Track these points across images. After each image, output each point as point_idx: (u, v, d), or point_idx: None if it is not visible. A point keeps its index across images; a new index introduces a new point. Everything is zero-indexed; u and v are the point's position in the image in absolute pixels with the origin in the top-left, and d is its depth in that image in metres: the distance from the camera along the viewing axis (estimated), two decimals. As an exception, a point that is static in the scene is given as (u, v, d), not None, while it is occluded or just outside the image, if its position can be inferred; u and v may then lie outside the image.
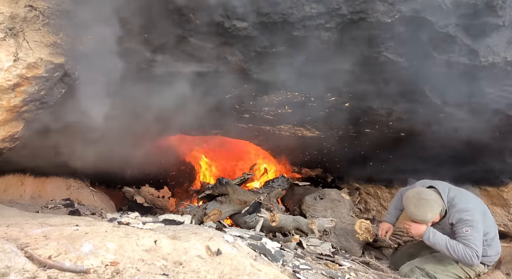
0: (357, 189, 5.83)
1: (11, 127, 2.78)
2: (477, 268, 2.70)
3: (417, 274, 2.67)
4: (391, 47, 2.81)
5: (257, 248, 2.32)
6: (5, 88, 2.43)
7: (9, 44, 2.33)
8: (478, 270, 2.72)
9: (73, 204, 4.71)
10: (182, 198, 6.73)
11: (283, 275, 1.66)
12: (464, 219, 2.56)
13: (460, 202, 2.66)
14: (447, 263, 2.70)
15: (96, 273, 1.30)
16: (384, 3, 2.44)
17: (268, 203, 4.58)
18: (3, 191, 4.43)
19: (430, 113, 3.51)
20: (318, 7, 2.49)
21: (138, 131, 4.23)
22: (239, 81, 3.39)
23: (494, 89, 3.06)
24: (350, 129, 4.27)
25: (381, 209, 5.62)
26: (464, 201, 2.67)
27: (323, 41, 2.77)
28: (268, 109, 4.03)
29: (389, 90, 3.33)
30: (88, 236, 1.57)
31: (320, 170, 6.15)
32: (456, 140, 3.74)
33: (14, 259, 1.24)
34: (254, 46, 2.89)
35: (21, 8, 2.29)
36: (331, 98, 3.62)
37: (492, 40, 2.63)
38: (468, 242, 2.50)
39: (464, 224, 2.55)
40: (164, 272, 1.40)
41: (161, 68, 3.19)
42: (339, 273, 2.56)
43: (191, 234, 2.04)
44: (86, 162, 4.24)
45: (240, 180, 5.47)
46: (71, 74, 2.86)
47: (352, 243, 3.58)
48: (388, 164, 4.86)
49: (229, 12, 2.55)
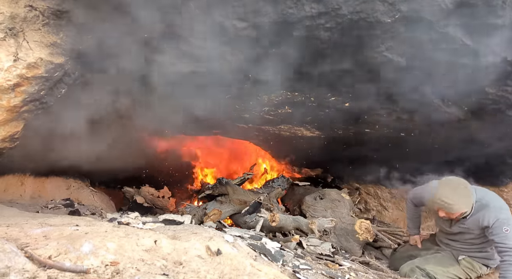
0: (357, 189, 5.84)
1: (11, 127, 2.78)
2: (479, 270, 2.67)
3: (417, 274, 2.64)
4: (391, 47, 2.81)
5: (257, 248, 2.32)
6: (5, 88, 2.43)
7: (9, 44, 2.33)
8: (480, 272, 2.68)
9: (73, 204, 4.70)
10: (182, 198, 6.73)
11: (283, 275, 1.66)
12: (503, 218, 2.39)
13: (491, 200, 2.49)
14: (448, 264, 2.68)
15: (96, 273, 1.30)
16: (384, 3, 2.44)
17: (268, 203, 4.58)
18: (3, 191, 4.43)
19: (430, 113, 3.51)
20: (318, 7, 2.49)
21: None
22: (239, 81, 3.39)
23: (494, 89, 3.07)
24: (350, 129, 4.27)
25: (381, 209, 5.63)
26: (495, 200, 2.52)
27: (323, 41, 2.77)
28: (268, 109, 4.03)
29: (389, 90, 3.33)
30: (88, 236, 1.57)
31: (320, 170, 6.16)
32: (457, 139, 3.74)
33: (14, 259, 1.24)
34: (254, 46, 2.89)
35: (21, 8, 2.29)
36: (331, 98, 3.62)
37: (492, 40, 2.63)
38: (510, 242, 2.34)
39: (502, 223, 2.37)
40: (164, 272, 1.40)
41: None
42: (339, 273, 2.55)
43: (191, 234, 2.04)
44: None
45: (240, 180, 5.47)
46: (71, 74, 2.86)
47: (352, 243, 3.58)
48: (388, 164, 4.87)
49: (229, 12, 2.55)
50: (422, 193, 2.84)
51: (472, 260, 2.68)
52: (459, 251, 2.74)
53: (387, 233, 3.89)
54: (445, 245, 2.86)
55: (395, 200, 5.58)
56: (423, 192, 2.83)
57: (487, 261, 2.67)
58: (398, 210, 5.54)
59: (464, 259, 2.70)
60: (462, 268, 2.66)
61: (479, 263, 2.67)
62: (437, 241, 2.96)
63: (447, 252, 2.81)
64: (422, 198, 2.84)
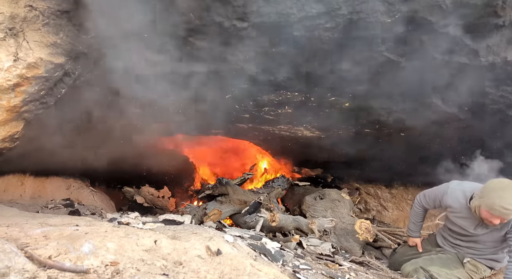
0: (357, 189, 5.84)
1: (11, 127, 2.78)
2: (483, 272, 2.63)
3: (420, 275, 2.61)
4: (391, 47, 2.81)
5: (257, 248, 2.32)
6: (5, 88, 2.43)
7: (9, 44, 2.33)
8: (484, 274, 2.64)
9: (73, 204, 4.70)
10: (182, 198, 6.73)
11: (283, 275, 1.66)
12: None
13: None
14: (452, 267, 2.63)
15: (96, 273, 1.30)
16: (384, 3, 2.44)
17: (268, 203, 4.58)
18: (3, 191, 4.43)
19: (430, 113, 3.51)
20: (318, 7, 2.49)
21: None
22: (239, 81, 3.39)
23: (494, 89, 3.07)
24: (350, 129, 4.27)
25: (381, 209, 5.63)
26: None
27: (323, 41, 2.77)
28: (268, 109, 4.03)
29: (389, 90, 3.33)
30: (88, 236, 1.57)
31: (320, 170, 6.16)
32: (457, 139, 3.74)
33: (14, 259, 1.24)
34: (254, 46, 2.89)
35: (21, 8, 2.29)
36: (331, 98, 3.62)
37: (492, 40, 2.63)
38: None
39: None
40: (164, 272, 1.40)
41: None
42: (339, 273, 2.55)
43: (191, 234, 2.04)
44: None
45: (240, 180, 5.48)
46: (71, 74, 2.86)
47: (352, 243, 3.58)
48: (388, 164, 4.87)
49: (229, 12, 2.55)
50: (439, 195, 2.69)
51: (477, 262, 2.64)
52: (466, 253, 2.68)
53: (387, 233, 3.89)
54: (452, 245, 2.78)
55: (395, 200, 5.58)
56: (440, 194, 2.68)
57: (495, 263, 2.63)
58: (398, 210, 5.55)
59: (469, 262, 2.65)
60: (467, 271, 2.62)
61: (484, 266, 2.64)
62: (439, 241, 2.90)
63: (451, 253, 2.76)
64: (440, 200, 2.69)
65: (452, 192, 2.60)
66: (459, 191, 2.57)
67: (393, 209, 5.57)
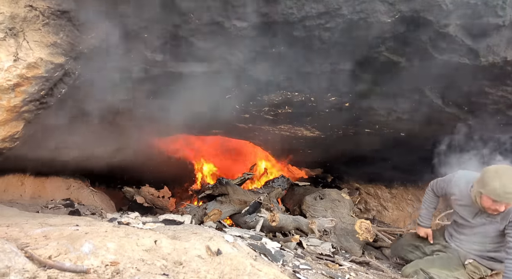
0: (357, 189, 5.84)
1: (11, 127, 2.78)
2: (484, 273, 2.63)
3: (420, 277, 2.61)
4: (391, 47, 2.81)
5: (257, 248, 2.32)
6: (5, 88, 2.43)
7: (9, 44, 2.33)
8: (484, 274, 2.63)
9: (73, 204, 4.70)
10: (182, 198, 6.73)
11: (283, 275, 1.66)
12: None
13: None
14: (453, 268, 2.63)
15: (96, 273, 1.30)
16: (384, 3, 2.44)
17: (268, 203, 4.58)
18: (3, 191, 4.43)
19: (431, 113, 3.51)
20: (318, 7, 2.49)
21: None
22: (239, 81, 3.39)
23: (494, 89, 3.07)
24: (350, 129, 4.27)
25: (381, 209, 5.63)
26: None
27: (323, 41, 2.77)
28: (268, 109, 4.03)
29: (389, 90, 3.33)
30: (88, 236, 1.57)
31: (320, 170, 6.17)
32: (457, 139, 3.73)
33: (14, 259, 1.24)
34: (254, 46, 2.89)
35: (21, 8, 2.29)
36: (331, 98, 3.62)
37: (492, 40, 2.63)
38: None
39: None
40: (164, 272, 1.40)
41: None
42: (339, 273, 2.55)
43: (191, 234, 2.04)
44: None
45: (240, 180, 5.47)
46: (71, 74, 2.86)
47: (352, 243, 3.58)
48: (387, 164, 4.87)
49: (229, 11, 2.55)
50: (447, 181, 2.71)
51: (479, 264, 2.62)
52: (468, 250, 2.67)
53: (387, 233, 3.89)
54: (455, 240, 2.76)
55: (395, 200, 5.58)
56: (447, 181, 2.71)
57: (496, 264, 2.60)
58: (398, 210, 5.55)
59: (471, 264, 2.64)
60: (467, 272, 2.61)
61: (485, 267, 2.62)
62: (446, 237, 2.87)
63: (453, 253, 2.75)
64: (446, 187, 2.71)
65: (457, 180, 2.64)
66: (463, 179, 2.60)
67: (393, 209, 5.57)
